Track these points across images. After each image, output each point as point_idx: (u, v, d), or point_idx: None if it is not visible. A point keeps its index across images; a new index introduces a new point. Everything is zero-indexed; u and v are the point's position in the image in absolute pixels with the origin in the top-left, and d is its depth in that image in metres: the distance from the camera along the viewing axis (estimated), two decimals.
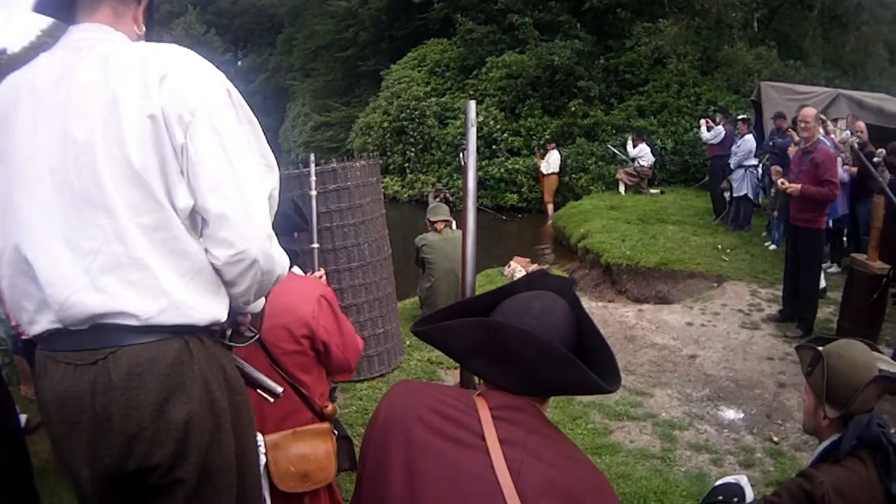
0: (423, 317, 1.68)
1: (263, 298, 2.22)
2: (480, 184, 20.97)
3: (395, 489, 1.43)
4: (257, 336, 2.34)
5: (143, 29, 2.06)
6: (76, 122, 1.77)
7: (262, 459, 2.87)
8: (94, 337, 1.76)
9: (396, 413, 1.53)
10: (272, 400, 2.29)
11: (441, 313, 1.67)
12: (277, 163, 2.14)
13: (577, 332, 1.58)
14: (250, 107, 2.01)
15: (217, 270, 1.89)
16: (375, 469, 1.51)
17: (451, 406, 1.50)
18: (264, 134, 2.08)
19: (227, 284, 1.94)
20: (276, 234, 2.98)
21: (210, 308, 1.89)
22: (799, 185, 7.36)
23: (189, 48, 1.90)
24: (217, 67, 1.93)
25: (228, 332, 2.21)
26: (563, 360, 1.45)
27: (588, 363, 1.47)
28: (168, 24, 50.65)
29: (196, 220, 1.88)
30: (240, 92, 1.97)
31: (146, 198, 1.77)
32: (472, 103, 2.03)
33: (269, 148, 2.03)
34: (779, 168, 10.39)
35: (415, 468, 1.43)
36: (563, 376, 1.48)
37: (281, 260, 2.00)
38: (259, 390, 2.22)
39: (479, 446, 1.42)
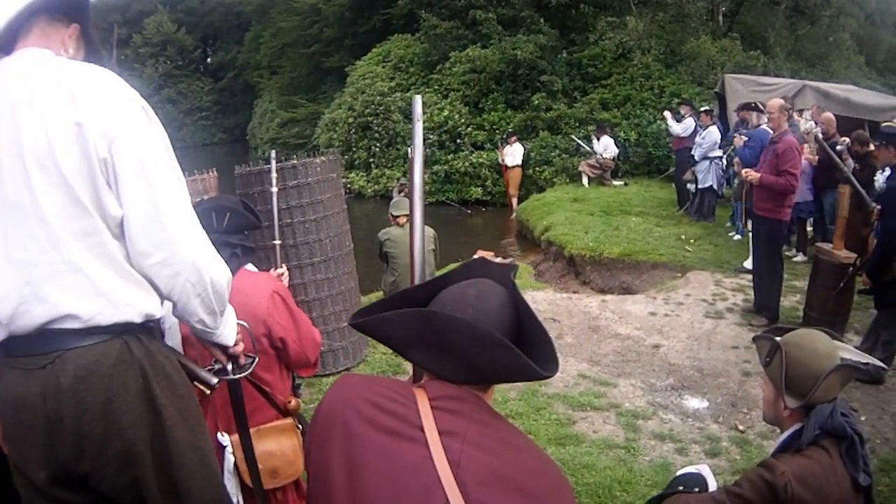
0: (361, 309, 1.67)
1: (233, 328, 2.36)
2: (445, 178, 21.29)
3: (337, 484, 1.41)
4: (255, 360, 2.55)
5: (73, 54, 2.13)
6: (6, 136, 1.86)
7: (231, 459, 2.89)
8: (41, 342, 1.87)
9: (336, 408, 1.51)
10: (208, 392, 2.36)
11: (379, 305, 1.66)
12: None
13: (516, 319, 1.58)
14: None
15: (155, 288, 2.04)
16: (318, 464, 1.49)
17: (390, 398, 1.48)
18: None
19: (174, 307, 2.09)
20: (231, 233, 3.01)
21: (144, 302, 2.00)
22: (758, 174, 7.42)
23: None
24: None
25: (229, 367, 2.44)
26: (498, 347, 1.44)
27: (526, 350, 1.46)
28: (139, 22, 50.84)
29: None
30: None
31: (74, 204, 1.87)
32: (419, 98, 2.06)
33: (176, 160, 2.12)
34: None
35: (354, 462, 1.41)
36: (499, 363, 1.47)
37: (212, 267, 2.09)
38: (196, 382, 2.27)
39: (417, 438, 1.41)
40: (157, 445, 1.99)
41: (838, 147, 9.38)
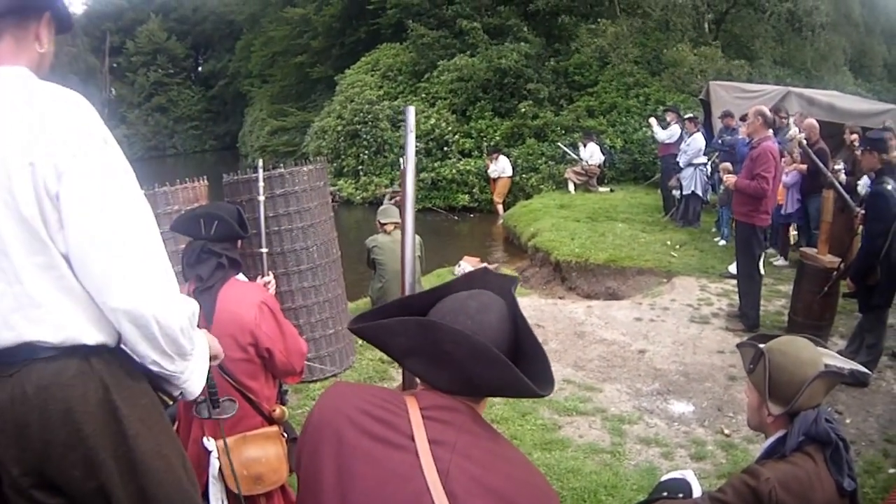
0: (360, 314, 1.67)
1: (201, 379, 2.29)
2: (433, 185, 21.27)
3: (327, 491, 1.42)
4: (236, 406, 2.76)
5: (46, 46, 2.08)
6: None
7: (216, 464, 2.93)
8: (8, 353, 1.92)
9: (327, 415, 1.51)
10: (171, 403, 2.39)
11: (377, 311, 1.65)
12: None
13: (513, 333, 1.58)
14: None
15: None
16: (309, 471, 1.50)
17: (382, 407, 1.49)
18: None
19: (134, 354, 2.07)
20: (217, 241, 3.05)
21: (101, 334, 2.01)
22: (734, 179, 7.56)
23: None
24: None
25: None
26: (495, 361, 1.44)
27: (522, 366, 1.46)
28: (131, 31, 50.76)
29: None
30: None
31: (34, 238, 1.88)
32: (412, 109, 2.04)
33: (134, 189, 2.05)
34: (728, 165, 10.55)
35: (345, 470, 1.42)
36: (494, 377, 1.47)
37: (158, 309, 1.97)
38: (159, 392, 2.27)
39: (408, 447, 1.41)
40: (120, 454, 2.02)
41: (836, 167, 9.37)
